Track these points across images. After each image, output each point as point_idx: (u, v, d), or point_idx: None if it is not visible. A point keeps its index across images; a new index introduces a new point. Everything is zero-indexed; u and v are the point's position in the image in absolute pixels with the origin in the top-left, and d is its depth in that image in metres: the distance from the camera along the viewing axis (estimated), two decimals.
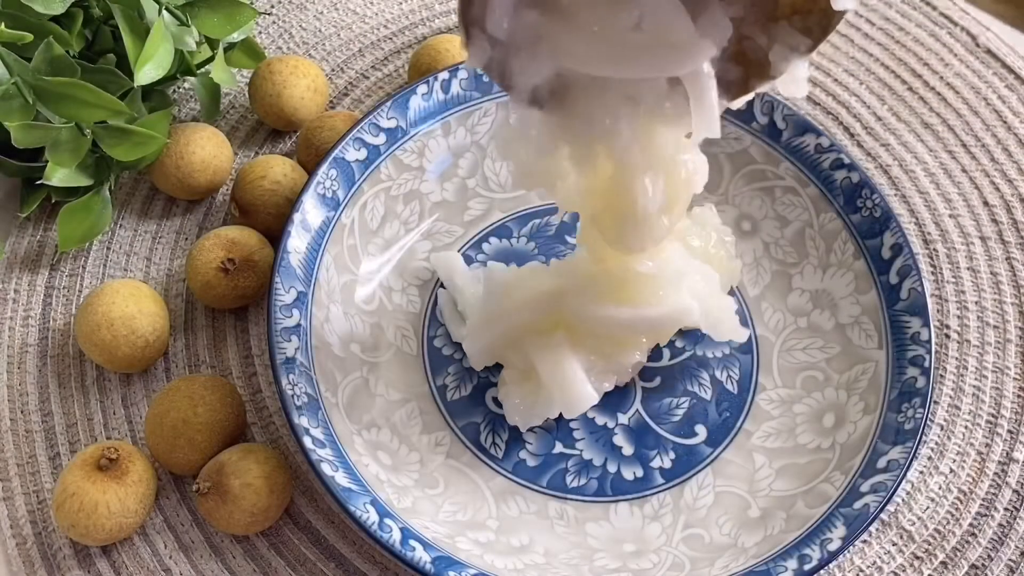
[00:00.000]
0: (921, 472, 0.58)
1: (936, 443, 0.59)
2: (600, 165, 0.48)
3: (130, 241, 0.64)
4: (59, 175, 0.59)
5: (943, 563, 0.56)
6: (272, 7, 0.74)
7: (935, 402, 0.60)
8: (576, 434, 0.58)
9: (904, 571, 0.55)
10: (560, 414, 0.55)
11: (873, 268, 0.59)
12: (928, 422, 0.59)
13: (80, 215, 0.61)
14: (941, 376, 0.61)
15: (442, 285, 0.62)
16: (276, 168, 0.62)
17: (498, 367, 0.58)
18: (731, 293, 0.62)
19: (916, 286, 0.57)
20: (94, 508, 0.51)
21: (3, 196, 0.66)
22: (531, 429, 0.57)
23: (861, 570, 0.55)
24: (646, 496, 0.56)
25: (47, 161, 0.58)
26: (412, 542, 0.50)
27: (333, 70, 0.72)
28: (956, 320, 0.63)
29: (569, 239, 0.64)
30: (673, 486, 0.57)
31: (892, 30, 0.75)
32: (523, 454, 0.57)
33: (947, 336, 0.62)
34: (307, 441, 0.51)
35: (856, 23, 0.75)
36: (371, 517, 0.50)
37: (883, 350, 0.57)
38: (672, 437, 0.58)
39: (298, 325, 0.55)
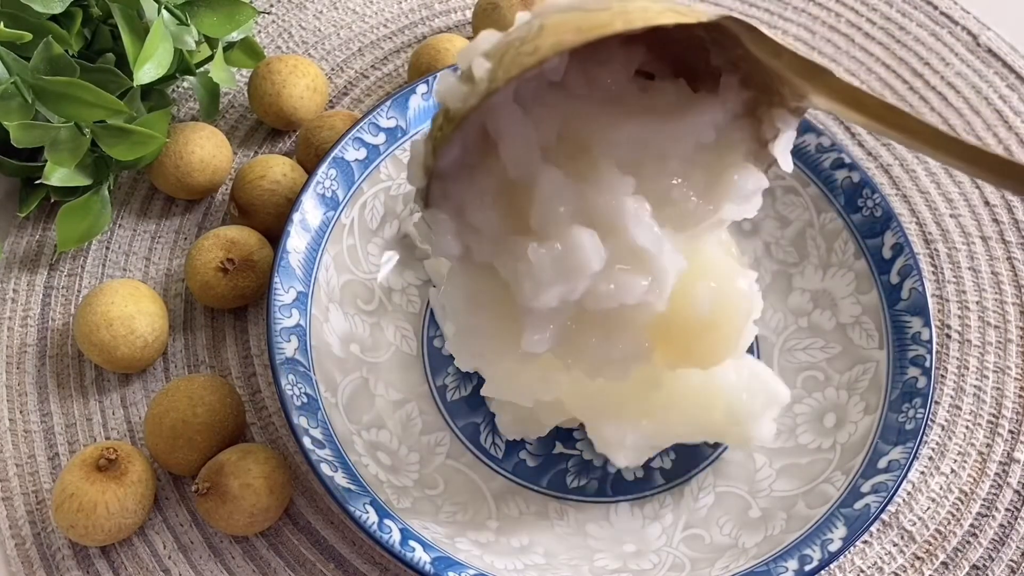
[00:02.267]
0: (922, 472, 0.58)
1: (937, 443, 0.59)
2: None
3: (129, 241, 0.64)
4: (58, 175, 0.59)
5: (944, 563, 0.56)
6: (271, 6, 0.74)
7: (936, 402, 0.60)
8: (576, 434, 0.58)
9: (905, 571, 0.55)
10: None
11: (874, 268, 0.59)
12: (929, 422, 0.58)
13: (79, 215, 0.61)
14: (942, 376, 0.61)
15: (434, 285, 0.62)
16: (275, 168, 0.62)
17: None
18: None
19: (917, 286, 0.57)
20: (93, 508, 0.51)
21: (2, 196, 0.66)
22: None
23: (862, 570, 0.55)
24: (646, 496, 0.56)
25: (46, 160, 0.58)
26: (412, 543, 0.50)
27: (333, 69, 0.72)
28: (957, 320, 0.63)
29: None
30: (673, 486, 0.57)
31: (893, 29, 0.75)
32: (523, 454, 0.57)
33: (948, 336, 0.62)
34: (306, 441, 0.51)
35: (857, 23, 0.75)
36: (371, 518, 0.49)
37: (884, 350, 0.57)
38: None
39: (297, 325, 0.55)
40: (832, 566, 0.54)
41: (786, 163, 0.43)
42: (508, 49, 0.38)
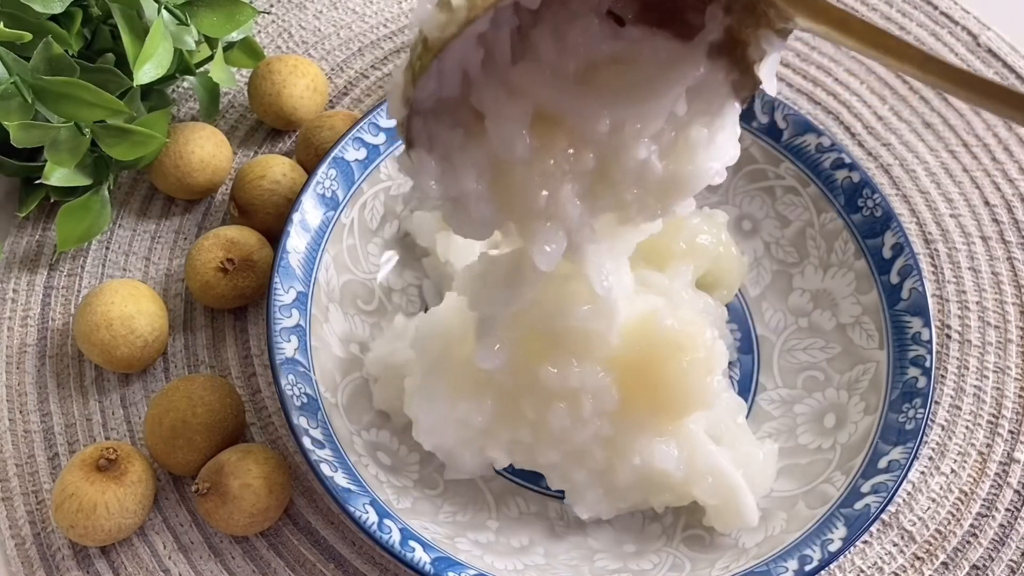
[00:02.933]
0: (922, 472, 0.58)
1: (937, 443, 0.59)
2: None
3: (129, 241, 0.64)
4: (58, 175, 0.59)
5: (944, 563, 0.56)
6: (271, 6, 0.74)
7: (936, 402, 0.60)
8: None
9: (905, 571, 0.55)
10: None
11: (874, 268, 0.59)
12: (929, 422, 0.58)
13: (79, 215, 0.61)
14: (942, 376, 0.61)
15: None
16: (275, 168, 0.62)
17: None
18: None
19: (917, 286, 0.57)
20: (93, 509, 0.51)
21: (2, 196, 0.66)
22: None
23: (862, 570, 0.55)
24: None
25: (46, 160, 0.58)
26: (412, 543, 0.50)
27: (332, 69, 0.72)
28: (957, 320, 0.63)
29: None
30: None
31: (893, 29, 0.74)
32: None
33: (948, 336, 0.62)
34: (306, 441, 0.51)
35: None
36: (370, 518, 0.49)
37: (884, 350, 0.57)
38: None
39: (297, 325, 0.55)
40: (832, 566, 0.54)
41: (771, 86, 0.43)
42: None
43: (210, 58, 0.64)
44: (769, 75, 0.42)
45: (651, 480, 0.52)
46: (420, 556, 0.49)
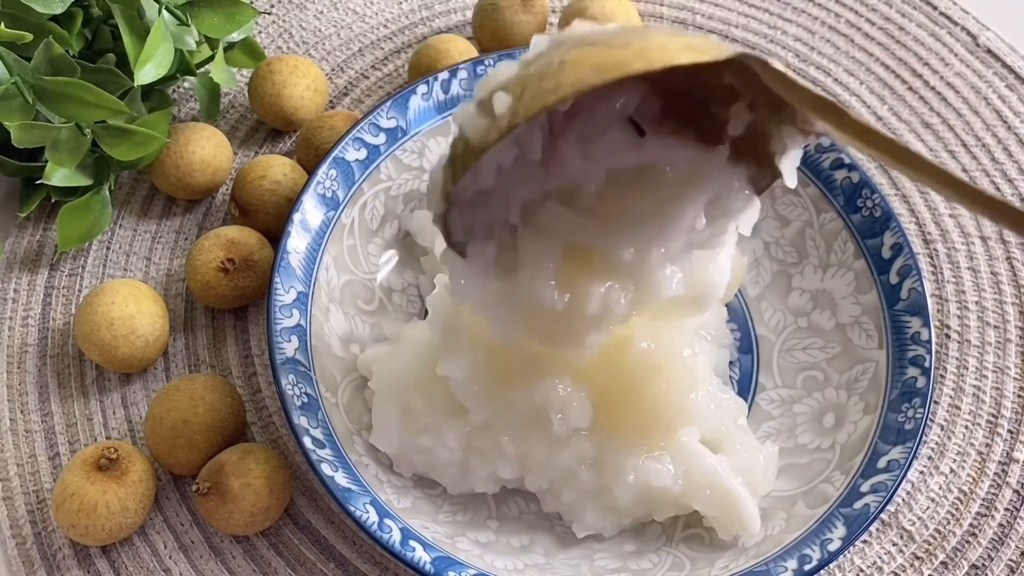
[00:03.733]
0: (921, 472, 0.58)
1: (936, 443, 0.59)
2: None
3: (130, 241, 0.64)
4: (59, 175, 0.59)
5: (943, 563, 0.56)
6: (272, 6, 0.74)
7: (935, 402, 0.60)
8: None
9: (904, 571, 0.55)
10: None
11: (873, 268, 0.59)
12: (928, 422, 0.59)
13: (80, 215, 0.61)
14: (941, 376, 0.61)
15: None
16: (276, 168, 0.62)
17: None
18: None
19: (916, 286, 0.57)
20: (94, 508, 0.51)
21: (3, 196, 0.66)
22: None
23: (861, 570, 0.55)
24: None
25: (47, 161, 0.58)
26: (412, 542, 0.50)
27: (333, 70, 0.72)
28: (956, 320, 0.63)
29: None
30: None
31: (892, 30, 0.75)
32: None
33: (947, 336, 0.62)
34: (307, 441, 0.51)
35: (856, 23, 0.75)
36: (371, 517, 0.49)
37: (883, 350, 0.57)
38: None
39: (298, 325, 0.55)
40: (832, 566, 0.54)
41: (791, 179, 0.43)
42: (528, 83, 0.38)
43: (211, 58, 0.64)
44: (790, 169, 0.42)
45: (650, 497, 0.52)
46: (420, 555, 0.49)
